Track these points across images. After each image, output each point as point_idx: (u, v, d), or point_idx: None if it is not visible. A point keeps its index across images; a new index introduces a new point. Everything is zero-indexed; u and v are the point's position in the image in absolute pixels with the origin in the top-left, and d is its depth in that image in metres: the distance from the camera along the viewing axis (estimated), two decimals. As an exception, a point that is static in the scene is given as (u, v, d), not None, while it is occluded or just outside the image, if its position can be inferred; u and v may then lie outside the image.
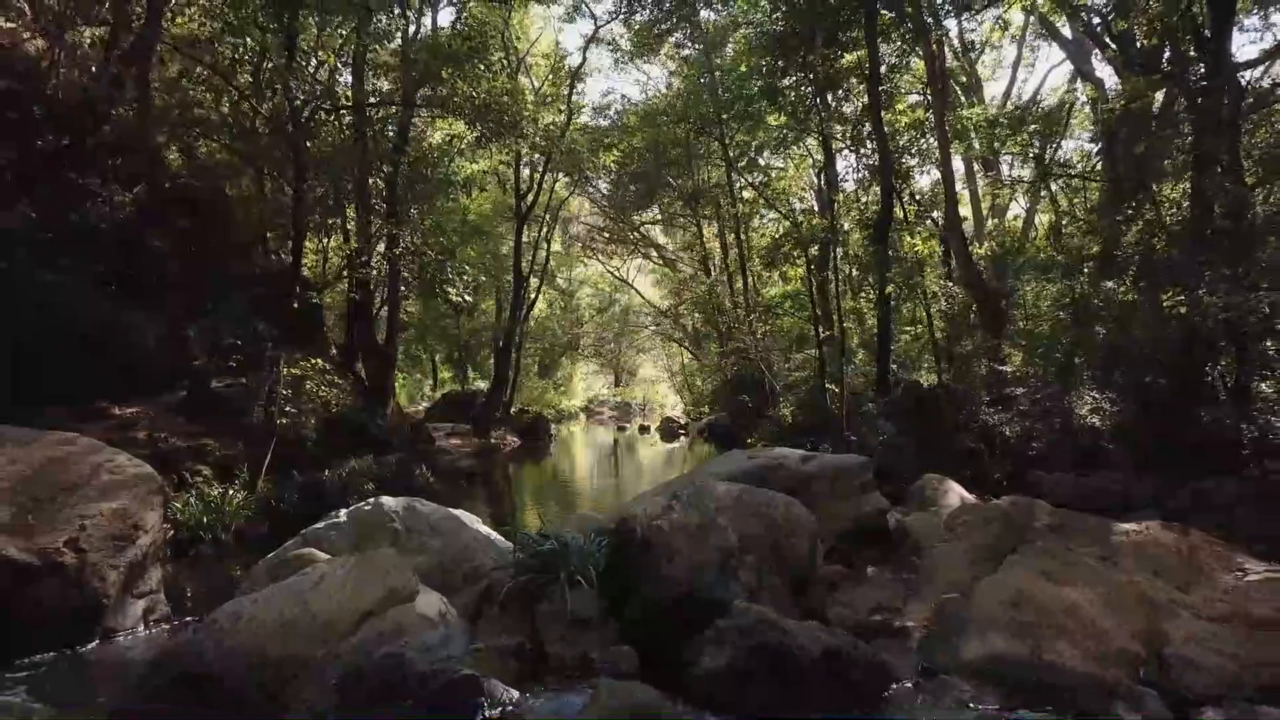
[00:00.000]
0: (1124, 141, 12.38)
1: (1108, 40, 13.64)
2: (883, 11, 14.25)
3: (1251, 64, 12.87)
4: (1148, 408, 9.10)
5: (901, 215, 15.03)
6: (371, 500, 5.41)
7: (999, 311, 11.16)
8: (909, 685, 3.57)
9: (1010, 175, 21.01)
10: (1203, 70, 10.56)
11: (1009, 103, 23.26)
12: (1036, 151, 15.08)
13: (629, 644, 3.91)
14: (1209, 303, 7.24)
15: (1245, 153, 10.00)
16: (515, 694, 3.40)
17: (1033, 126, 13.53)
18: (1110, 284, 9.19)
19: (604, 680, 3.22)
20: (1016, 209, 24.02)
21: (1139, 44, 12.58)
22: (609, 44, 22.20)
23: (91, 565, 5.43)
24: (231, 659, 3.31)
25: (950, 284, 12.94)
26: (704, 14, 22.33)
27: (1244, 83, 10.80)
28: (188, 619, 5.80)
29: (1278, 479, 7.35)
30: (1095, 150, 14.76)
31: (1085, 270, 11.56)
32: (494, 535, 5.36)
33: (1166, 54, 12.18)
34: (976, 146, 14.77)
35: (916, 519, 6.35)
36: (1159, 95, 12.06)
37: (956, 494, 6.94)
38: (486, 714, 3.21)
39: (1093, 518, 6.02)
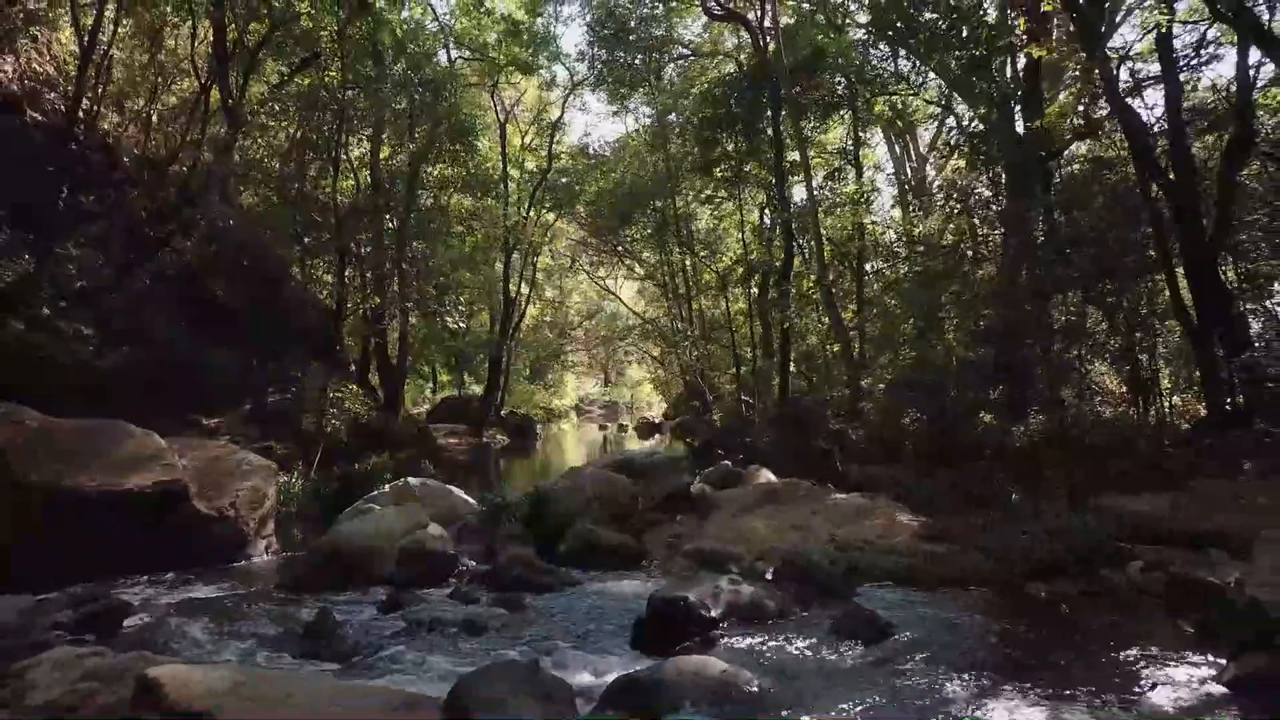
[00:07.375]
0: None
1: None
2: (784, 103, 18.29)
3: (1057, 152, 16.85)
4: (931, 421, 13.17)
5: (803, 264, 19.08)
6: (402, 480, 9.49)
7: (849, 349, 15.27)
8: (659, 560, 7.66)
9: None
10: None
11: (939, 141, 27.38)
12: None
13: (536, 547, 7.95)
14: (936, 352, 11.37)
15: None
16: (475, 562, 7.47)
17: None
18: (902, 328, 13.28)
19: (510, 548, 7.32)
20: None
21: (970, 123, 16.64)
22: (580, 108, 26.22)
23: (241, 518, 9.43)
24: (345, 546, 7.35)
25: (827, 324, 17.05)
26: (669, 71, 26.40)
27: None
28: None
29: (974, 472, 11.40)
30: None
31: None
32: (470, 499, 9.45)
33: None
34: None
35: (732, 491, 10.38)
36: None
37: (765, 477, 10.96)
38: (461, 568, 7.26)
39: (830, 490, 10.09)
